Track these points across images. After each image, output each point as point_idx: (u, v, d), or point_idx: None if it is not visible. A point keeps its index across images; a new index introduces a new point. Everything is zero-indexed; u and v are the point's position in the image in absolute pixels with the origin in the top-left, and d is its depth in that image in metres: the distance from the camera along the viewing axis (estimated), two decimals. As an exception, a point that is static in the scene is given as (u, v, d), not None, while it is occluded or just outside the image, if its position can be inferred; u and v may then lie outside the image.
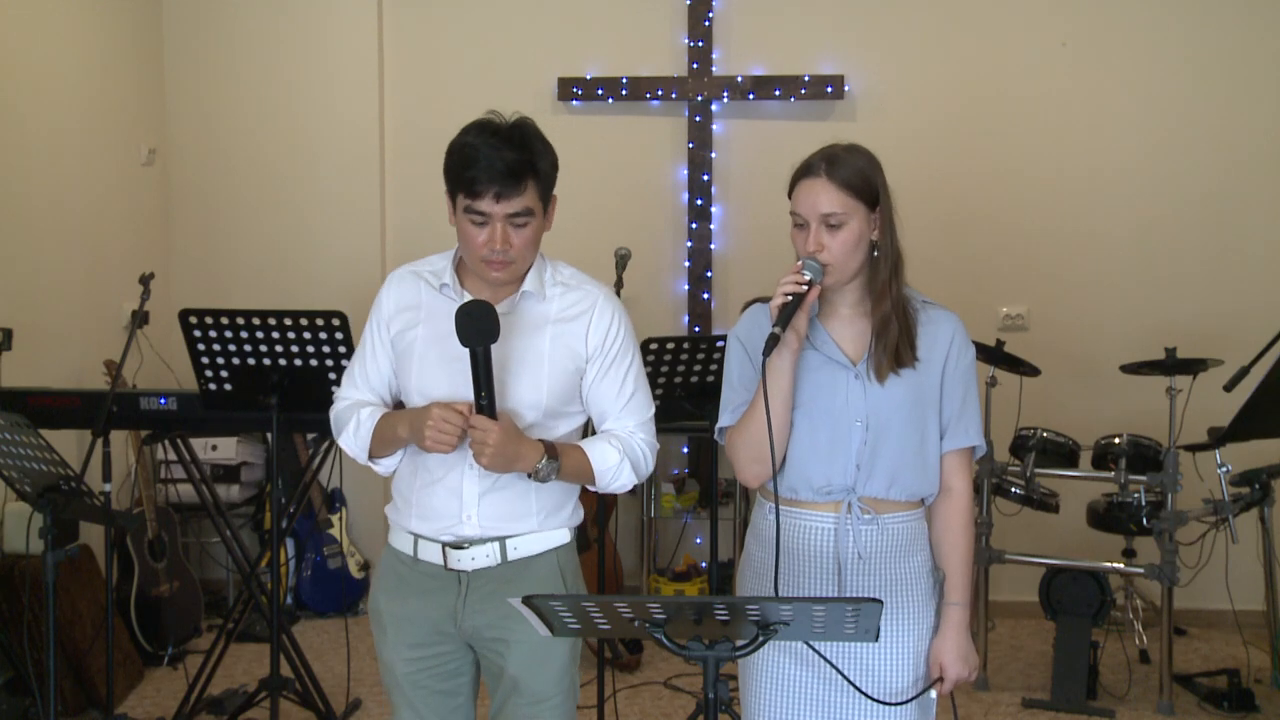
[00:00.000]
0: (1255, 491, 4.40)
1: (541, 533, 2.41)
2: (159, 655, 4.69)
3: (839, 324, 2.35)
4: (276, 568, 3.74)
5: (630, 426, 2.42)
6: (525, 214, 2.27)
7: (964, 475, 2.38)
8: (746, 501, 5.35)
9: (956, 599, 2.36)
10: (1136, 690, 4.53)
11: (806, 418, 2.31)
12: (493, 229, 2.26)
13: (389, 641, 2.46)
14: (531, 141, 2.27)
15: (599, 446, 2.38)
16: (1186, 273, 5.30)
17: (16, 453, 3.09)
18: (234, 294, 5.37)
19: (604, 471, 2.38)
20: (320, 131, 5.54)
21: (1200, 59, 5.26)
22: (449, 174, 2.30)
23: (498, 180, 2.22)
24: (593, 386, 2.41)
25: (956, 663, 2.35)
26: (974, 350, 2.41)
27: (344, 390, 2.50)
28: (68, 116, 4.81)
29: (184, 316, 3.58)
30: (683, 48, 5.43)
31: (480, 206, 2.25)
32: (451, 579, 2.40)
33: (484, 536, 2.38)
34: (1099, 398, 5.27)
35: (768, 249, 5.48)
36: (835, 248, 2.26)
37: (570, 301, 2.40)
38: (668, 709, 4.39)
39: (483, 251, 2.28)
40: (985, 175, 5.35)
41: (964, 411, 2.36)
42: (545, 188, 2.31)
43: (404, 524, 2.46)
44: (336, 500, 5.46)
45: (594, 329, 2.39)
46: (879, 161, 2.32)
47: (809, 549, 2.35)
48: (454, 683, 2.47)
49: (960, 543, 2.37)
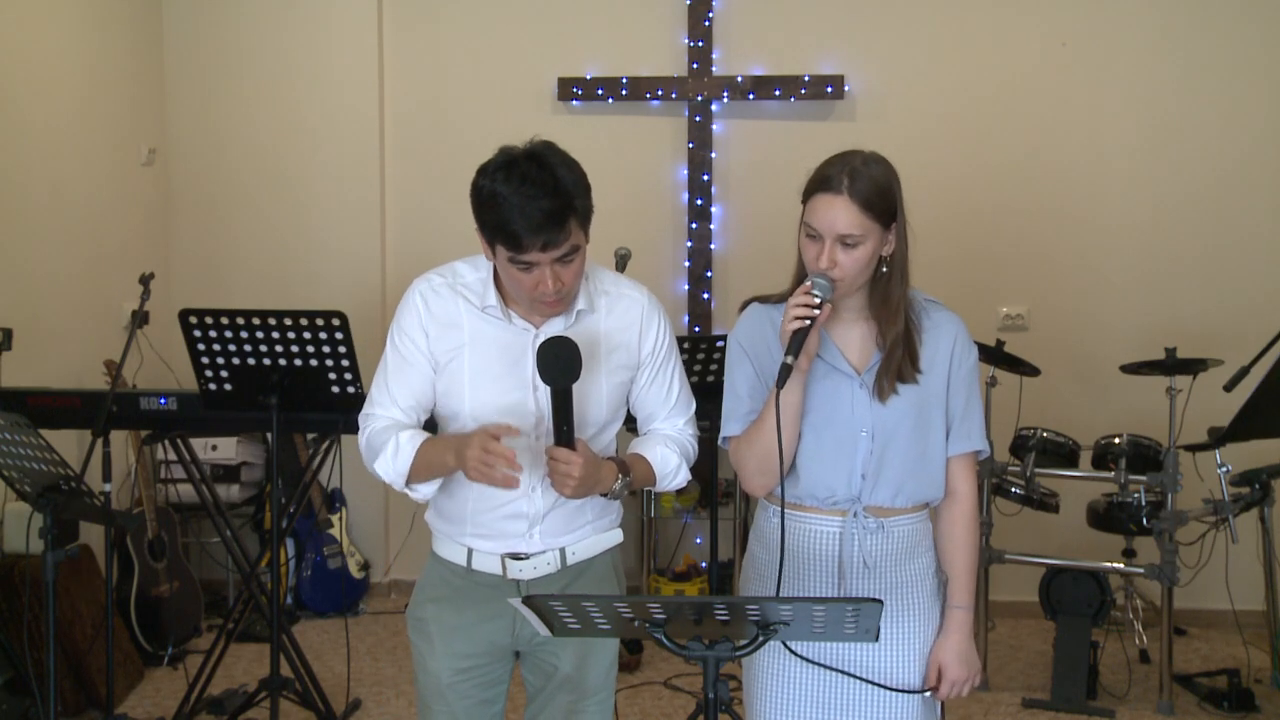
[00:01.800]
0: (1255, 491, 4.40)
1: (596, 535, 2.45)
2: (159, 655, 4.69)
3: (842, 328, 2.34)
4: (276, 568, 3.74)
5: (680, 424, 2.48)
6: (572, 252, 2.21)
7: (968, 479, 2.38)
8: (747, 502, 5.35)
9: (959, 602, 2.36)
10: (1136, 690, 4.53)
11: (812, 428, 2.30)
12: (542, 272, 2.19)
13: (436, 651, 2.44)
14: (562, 178, 2.17)
15: (658, 451, 2.42)
16: (1186, 273, 5.30)
17: (16, 453, 3.09)
18: (234, 294, 5.38)
19: (665, 475, 2.43)
20: (320, 131, 5.54)
21: (1200, 59, 5.26)
22: (484, 224, 2.20)
23: (542, 232, 2.14)
24: (643, 391, 2.44)
25: (956, 665, 2.35)
26: (976, 352, 2.40)
27: (377, 408, 2.37)
28: (68, 116, 4.81)
29: (184, 316, 3.58)
30: (683, 48, 5.43)
31: (526, 258, 2.18)
32: (510, 588, 2.40)
33: (544, 548, 2.39)
34: (1099, 398, 5.27)
35: (768, 249, 5.47)
36: (848, 266, 2.22)
37: (619, 312, 2.39)
38: (668, 709, 4.39)
39: (535, 294, 2.23)
40: (985, 175, 5.35)
41: (967, 415, 2.35)
42: (585, 218, 2.23)
43: (457, 538, 2.43)
44: (336, 500, 5.46)
45: (644, 338, 2.41)
46: (897, 173, 2.28)
47: (813, 552, 2.35)
48: (495, 690, 2.50)
49: (964, 546, 2.37)
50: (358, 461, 2.47)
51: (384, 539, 5.67)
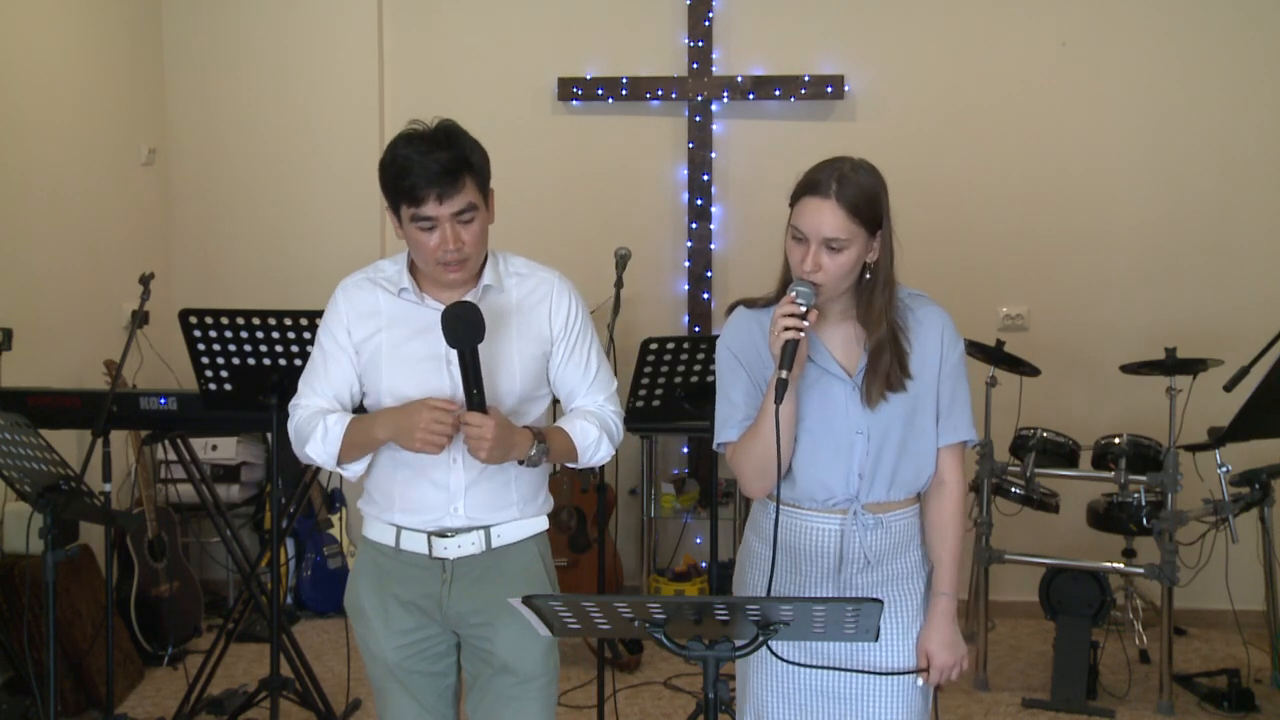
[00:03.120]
0: (1255, 491, 4.41)
1: (522, 520, 2.50)
2: (159, 655, 4.69)
3: (828, 329, 2.37)
4: (276, 568, 3.74)
5: (600, 400, 2.53)
6: (469, 209, 2.33)
7: (956, 468, 2.41)
8: (746, 502, 5.34)
9: (944, 589, 2.39)
10: (1136, 690, 4.53)
11: (808, 432, 2.33)
12: (442, 231, 2.32)
13: (376, 632, 2.51)
14: (459, 139, 2.33)
15: (578, 424, 2.48)
16: (1186, 273, 5.30)
17: (16, 453, 3.09)
18: (234, 294, 5.37)
19: (586, 447, 2.48)
20: (321, 131, 5.54)
21: (1199, 59, 5.26)
22: (388, 188, 2.35)
23: (437, 182, 2.28)
24: (560, 368, 2.50)
25: (941, 651, 2.37)
26: (963, 344, 2.43)
27: (302, 399, 2.50)
28: (67, 116, 4.81)
29: (184, 316, 3.57)
30: (683, 48, 5.43)
31: (425, 211, 2.30)
32: (435, 567, 2.46)
33: (469, 525, 2.44)
34: (1099, 398, 5.27)
35: (768, 249, 5.44)
36: (832, 270, 2.26)
37: (528, 289, 2.48)
38: (668, 709, 4.39)
39: (437, 254, 2.34)
40: (985, 175, 5.35)
41: (954, 406, 2.38)
42: (482, 181, 2.36)
43: (384, 517, 2.50)
44: (336, 500, 5.46)
45: (555, 314, 2.48)
46: (885, 181, 2.32)
47: (813, 548, 2.37)
48: (443, 664, 2.55)
49: (950, 535, 2.40)
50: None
51: (384, 539, 5.66)
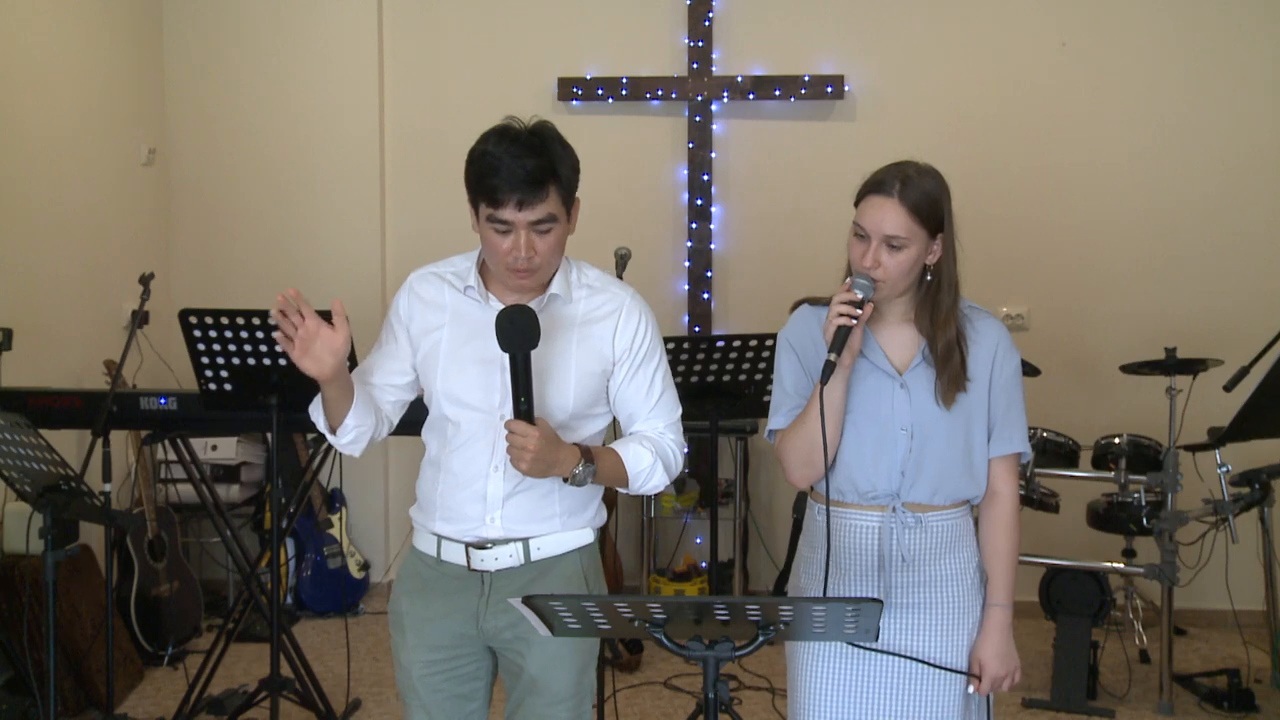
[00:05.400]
0: (1255, 491, 4.40)
1: (564, 533, 2.41)
2: (159, 655, 4.69)
3: (886, 331, 2.40)
4: (276, 568, 3.74)
5: (660, 427, 2.43)
6: (548, 220, 2.25)
7: (1009, 480, 2.43)
8: (747, 502, 5.36)
9: (999, 600, 2.42)
10: (1136, 690, 4.52)
11: (853, 425, 2.36)
12: (516, 237, 2.24)
13: (408, 644, 2.44)
14: (552, 146, 2.25)
15: (631, 448, 2.38)
16: (1186, 273, 5.30)
17: (16, 453, 3.09)
18: (234, 294, 5.37)
19: (637, 474, 2.38)
20: (320, 131, 5.54)
21: (1200, 59, 5.26)
22: (470, 182, 2.28)
23: (520, 188, 2.20)
24: (621, 388, 2.41)
25: (994, 662, 2.40)
26: (1019, 357, 2.46)
27: None
28: (68, 116, 4.81)
29: (184, 316, 3.57)
30: (683, 48, 5.43)
31: (503, 215, 2.23)
32: (474, 580, 2.39)
33: (507, 537, 2.37)
34: (1099, 398, 5.27)
35: (768, 249, 5.49)
36: (891, 268, 2.30)
37: (597, 304, 2.40)
38: (668, 709, 4.39)
39: (508, 259, 2.27)
40: (985, 175, 5.35)
41: (1008, 418, 2.41)
42: (567, 192, 2.28)
43: (428, 525, 2.44)
44: (336, 500, 5.46)
45: (621, 331, 2.39)
46: (948, 187, 2.35)
47: (854, 547, 2.40)
48: (470, 686, 2.46)
49: (1004, 546, 2.42)
50: (358, 461, 2.48)
51: (384, 539, 5.67)
